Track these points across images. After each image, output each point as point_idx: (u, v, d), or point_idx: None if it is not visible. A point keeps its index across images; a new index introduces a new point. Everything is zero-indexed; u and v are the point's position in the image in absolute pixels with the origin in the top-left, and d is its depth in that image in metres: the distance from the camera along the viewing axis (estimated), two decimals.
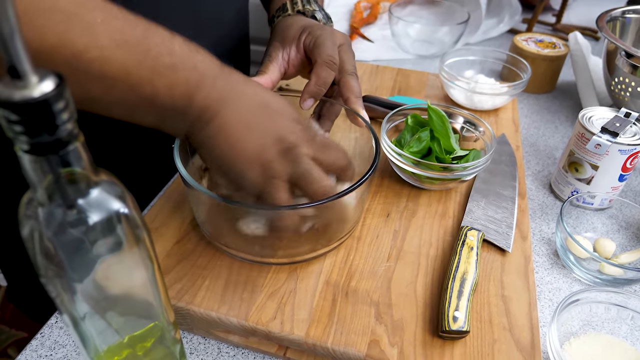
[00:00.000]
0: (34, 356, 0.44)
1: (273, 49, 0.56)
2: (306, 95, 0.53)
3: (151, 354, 0.35)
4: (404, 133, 0.60)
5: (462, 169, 0.53)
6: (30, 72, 0.22)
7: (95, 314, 0.29)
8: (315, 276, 0.47)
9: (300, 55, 0.56)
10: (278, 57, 0.56)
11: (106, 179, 0.28)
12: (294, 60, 0.57)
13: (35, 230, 0.26)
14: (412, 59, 1.02)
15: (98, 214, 0.27)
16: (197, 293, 0.45)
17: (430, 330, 0.43)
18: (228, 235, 0.47)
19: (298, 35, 0.56)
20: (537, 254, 0.57)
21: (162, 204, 0.54)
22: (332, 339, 0.42)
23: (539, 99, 0.89)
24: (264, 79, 0.53)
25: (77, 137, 0.24)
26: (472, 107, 0.74)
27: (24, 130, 0.22)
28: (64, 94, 0.23)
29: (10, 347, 1.42)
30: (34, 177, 0.24)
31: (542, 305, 0.51)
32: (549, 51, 0.86)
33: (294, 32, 0.56)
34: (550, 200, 0.65)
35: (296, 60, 0.57)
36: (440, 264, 0.49)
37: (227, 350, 0.45)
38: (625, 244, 0.58)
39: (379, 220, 0.54)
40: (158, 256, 0.48)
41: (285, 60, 0.56)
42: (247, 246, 0.46)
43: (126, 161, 0.66)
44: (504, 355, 0.41)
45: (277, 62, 0.56)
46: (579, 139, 0.60)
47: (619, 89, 0.73)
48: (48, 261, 0.27)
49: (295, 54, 0.56)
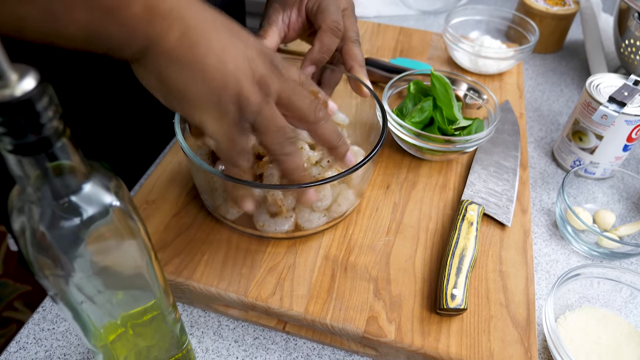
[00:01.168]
0: (36, 330, 0.44)
1: (273, 11, 0.53)
2: (308, 62, 0.51)
3: (151, 334, 0.36)
4: (405, 101, 0.59)
5: (464, 142, 0.52)
6: (9, 69, 0.20)
7: (93, 303, 0.29)
8: (314, 251, 0.47)
9: (302, 18, 0.54)
10: (278, 20, 0.53)
11: (97, 171, 0.27)
12: (295, 24, 0.54)
13: (27, 226, 0.25)
14: (415, 14, 0.98)
15: (90, 208, 0.26)
16: (196, 268, 0.45)
17: (428, 307, 0.43)
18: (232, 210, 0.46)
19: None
20: (536, 224, 0.57)
21: (158, 175, 0.54)
22: (331, 315, 0.42)
23: (545, 59, 0.86)
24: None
25: (64, 133, 0.23)
26: (476, 71, 0.72)
27: (7, 131, 0.21)
28: (47, 90, 0.22)
29: (16, 300, 1.45)
30: (21, 175, 0.24)
31: (538, 277, 0.52)
32: (558, 9, 0.83)
33: None
34: (552, 168, 0.65)
35: (297, 24, 0.54)
36: (440, 238, 0.49)
37: (227, 323, 0.46)
38: (625, 215, 0.58)
39: (378, 192, 0.53)
40: (156, 230, 0.48)
41: (286, 23, 0.54)
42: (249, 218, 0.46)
43: (121, 128, 0.65)
44: (499, 331, 0.42)
45: (276, 26, 0.53)
46: (584, 108, 0.58)
47: (628, 51, 0.71)
48: (42, 255, 0.26)
49: (297, 17, 0.53)
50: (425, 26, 0.95)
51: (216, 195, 0.47)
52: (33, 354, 0.43)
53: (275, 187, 0.45)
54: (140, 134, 0.67)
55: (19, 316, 1.40)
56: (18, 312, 1.41)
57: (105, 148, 0.64)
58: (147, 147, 0.66)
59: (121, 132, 0.65)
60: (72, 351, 0.43)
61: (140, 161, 0.64)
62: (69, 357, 0.43)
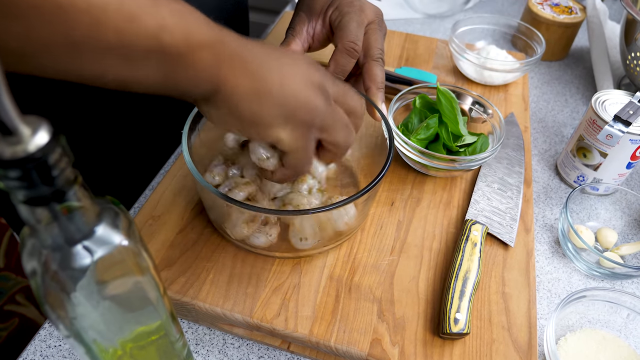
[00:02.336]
0: (42, 346, 0.45)
1: (298, 21, 0.53)
2: None
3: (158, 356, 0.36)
4: (411, 116, 0.59)
5: (468, 161, 0.52)
6: (21, 124, 0.20)
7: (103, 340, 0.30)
8: (319, 270, 0.47)
9: (326, 30, 0.53)
10: (302, 31, 0.52)
11: (106, 210, 0.27)
12: (319, 35, 0.53)
13: (39, 269, 0.26)
14: (420, 18, 0.98)
15: (101, 249, 0.26)
16: (202, 287, 0.45)
17: (431, 329, 0.44)
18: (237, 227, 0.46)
19: (325, 9, 0.52)
20: (539, 241, 0.57)
21: (164, 188, 0.54)
22: (335, 337, 0.42)
23: (551, 67, 0.86)
24: None
25: (75, 181, 0.23)
26: (481, 81, 0.72)
27: (21, 185, 0.21)
28: (59, 143, 0.22)
29: (17, 293, 1.46)
30: (32, 222, 0.24)
31: (540, 296, 0.52)
32: (564, 17, 0.82)
33: (322, 4, 0.53)
34: (555, 183, 0.65)
35: (321, 35, 0.53)
36: (444, 258, 0.49)
37: (232, 341, 0.46)
38: (626, 232, 0.58)
39: (383, 209, 0.53)
40: (162, 246, 0.48)
41: (310, 34, 0.53)
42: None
43: (124, 137, 0.65)
44: (501, 355, 0.42)
45: (300, 38, 0.52)
46: (590, 125, 0.58)
47: (634, 64, 0.70)
48: (53, 294, 0.27)
49: (321, 28, 0.53)
50: (431, 30, 0.94)
51: (225, 216, 0.47)
52: None
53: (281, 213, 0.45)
54: (145, 142, 0.67)
55: (21, 310, 1.41)
56: (20, 305, 1.42)
57: (109, 157, 0.64)
58: (152, 155, 0.66)
59: (126, 140, 0.65)
60: None
61: (145, 170, 0.64)
62: None
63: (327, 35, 0.53)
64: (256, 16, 1.71)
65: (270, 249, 0.47)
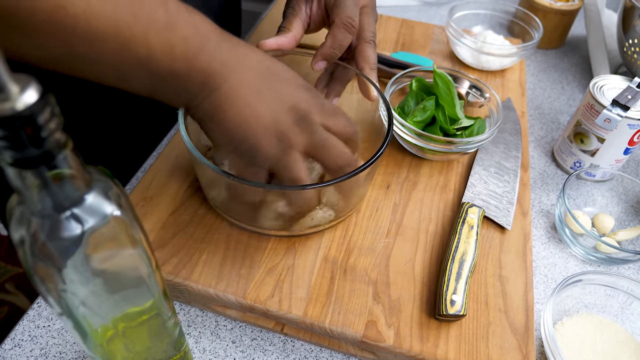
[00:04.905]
0: (31, 327, 0.44)
1: (297, 1, 0.52)
2: (319, 57, 0.50)
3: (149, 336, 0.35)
4: (407, 99, 0.58)
5: (465, 143, 0.52)
6: (10, 81, 0.19)
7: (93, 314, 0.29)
8: (313, 251, 0.47)
9: (321, 11, 0.52)
10: (302, 11, 0.52)
11: (97, 179, 0.26)
12: (315, 16, 0.53)
13: (27, 237, 0.25)
14: (417, 5, 0.97)
15: (91, 218, 0.25)
16: (195, 268, 0.44)
17: (427, 311, 0.43)
18: (236, 209, 0.46)
19: None
20: (535, 227, 0.57)
21: (157, 169, 0.53)
22: (330, 319, 0.42)
23: (547, 55, 0.85)
24: (287, 37, 0.50)
25: (66, 145, 0.22)
26: (478, 67, 0.71)
27: (8, 145, 0.20)
28: (49, 102, 0.21)
29: (7, 282, 1.44)
30: (21, 186, 0.23)
31: (536, 281, 0.52)
32: (562, 4, 0.82)
33: None
34: (552, 169, 0.64)
35: (317, 16, 0.53)
36: (440, 240, 0.49)
37: (224, 323, 0.46)
38: (623, 218, 0.58)
39: (379, 192, 0.53)
40: (154, 227, 0.47)
41: (308, 14, 0.52)
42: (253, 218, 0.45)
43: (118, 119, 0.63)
44: (498, 338, 0.42)
45: (300, 18, 0.52)
46: (587, 110, 0.58)
47: (632, 51, 0.70)
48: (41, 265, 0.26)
49: (317, 9, 0.52)
50: (427, 17, 0.94)
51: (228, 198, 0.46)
52: (28, 351, 0.43)
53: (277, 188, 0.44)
54: (138, 124, 0.66)
55: (10, 298, 1.40)
56: (9, 294, 1.41)
57: (102, 139, 0.63)
58: (145, 137, 0.65)
59: (118, 122, 0.64)
60: (67, 349, 0.43)
61: (138, 152, 0.63)
62: (65, 355, 0.43)
63: (322, 17, 0.53)
64: (249, 4, 1.69)
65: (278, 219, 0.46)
